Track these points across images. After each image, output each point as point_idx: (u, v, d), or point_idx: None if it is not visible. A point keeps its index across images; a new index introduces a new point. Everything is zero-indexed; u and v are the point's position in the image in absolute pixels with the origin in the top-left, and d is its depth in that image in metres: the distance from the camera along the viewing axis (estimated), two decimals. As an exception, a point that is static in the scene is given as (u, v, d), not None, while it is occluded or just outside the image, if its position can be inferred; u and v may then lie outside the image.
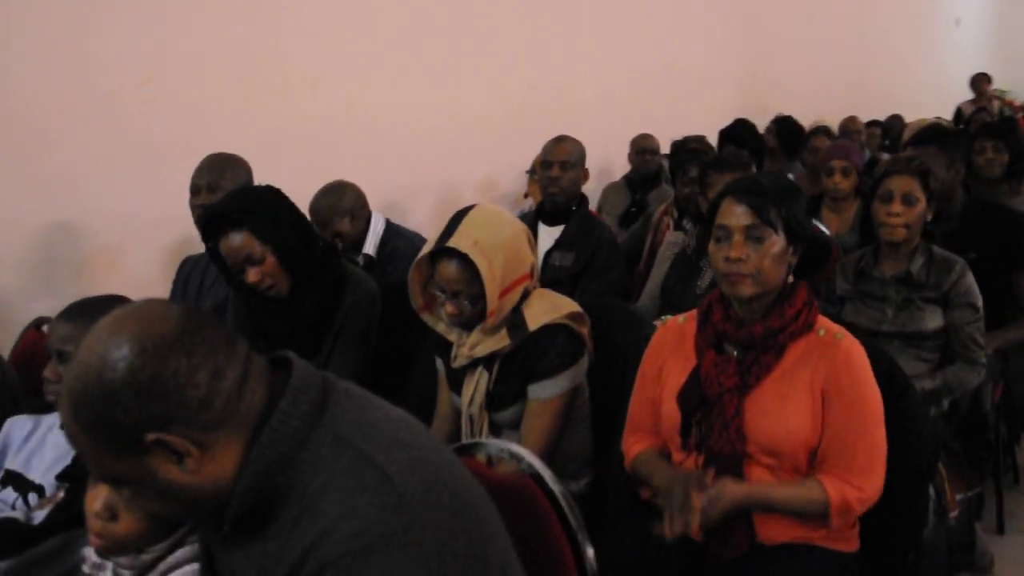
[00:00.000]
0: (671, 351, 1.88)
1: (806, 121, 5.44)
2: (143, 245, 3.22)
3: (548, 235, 3.05)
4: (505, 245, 1.94)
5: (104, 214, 3.11)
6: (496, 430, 2.06)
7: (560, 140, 3.15)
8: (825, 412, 1.69)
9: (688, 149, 3.60)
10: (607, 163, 5.41)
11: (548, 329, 1.98)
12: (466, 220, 1.96)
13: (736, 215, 1.73)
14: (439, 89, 4.40)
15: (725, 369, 1.73)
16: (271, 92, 3.72)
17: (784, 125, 5.09)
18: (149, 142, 3.20)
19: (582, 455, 2.12)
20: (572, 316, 2.03)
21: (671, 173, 3.78)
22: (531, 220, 3.13)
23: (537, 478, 1.49)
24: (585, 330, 2.07)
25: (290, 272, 2.16)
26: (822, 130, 5.04)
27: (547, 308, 2.01)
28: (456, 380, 2.10)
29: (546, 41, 5.06)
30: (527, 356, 1.99)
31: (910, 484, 1.80)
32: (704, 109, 5.99)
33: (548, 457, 1.96)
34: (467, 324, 2.00)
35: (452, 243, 1.91)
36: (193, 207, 2.65)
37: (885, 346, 2.54)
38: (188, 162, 2.80)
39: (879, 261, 2.62)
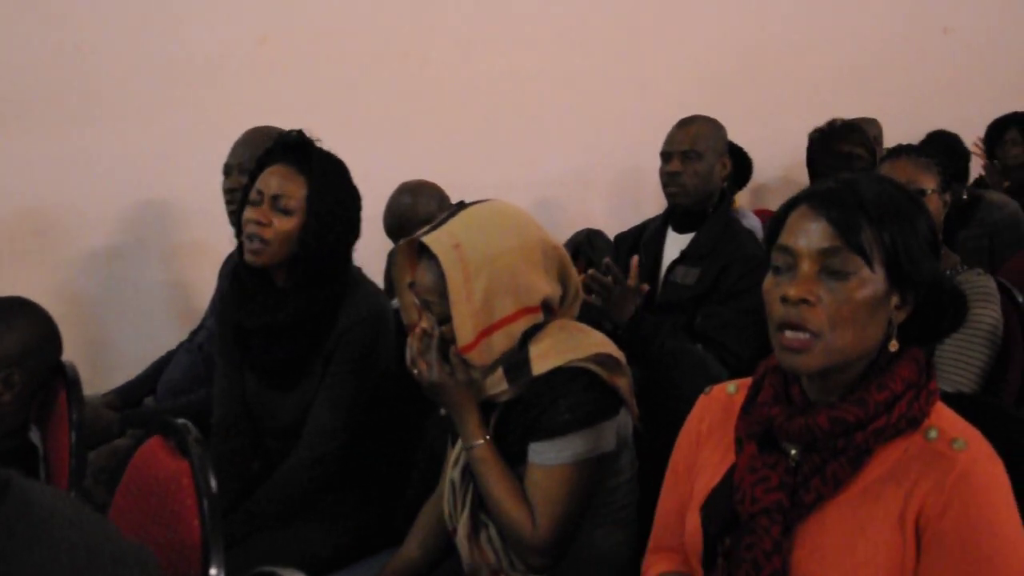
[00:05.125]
0: (710, 434, 1.38)
1: None
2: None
3: (675, 244, 2.56)
4: (498, 261, 1.56)
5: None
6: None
7: (685, 123, 2.62)
8: (921, 563, 1.13)
9: (837, 130, 3.19)
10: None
11: (561, 373, 1.57)
12: (463, 214, 1.62)
13: (808, 233, 1.20)
14: (619, 57, 4.00)
15: (768, 477, 1.21)
16: (409, 58, 3.51)
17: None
18: (262, 111, 3.08)
19: (611, 561, 1.67)
20: (600, 359, 1.59)
21: (809, 166, 3.36)
22: (659, 225, 2.66)
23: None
24: (621, 381, 1.62)
25: (298, 252, 1.94)
26: None
27: (564, 346, 1.59)
28: (454, 429, 1.73)
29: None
30: (530, 406, 1.59)
31: None
32: (992, 87, 5.08)
33: (560, 546, 1.58)
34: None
35: (428, 238, 1.58)
36: (227, 193, 2.50)
37: None
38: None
39: None
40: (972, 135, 4.45)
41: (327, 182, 1.95)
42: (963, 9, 5.10)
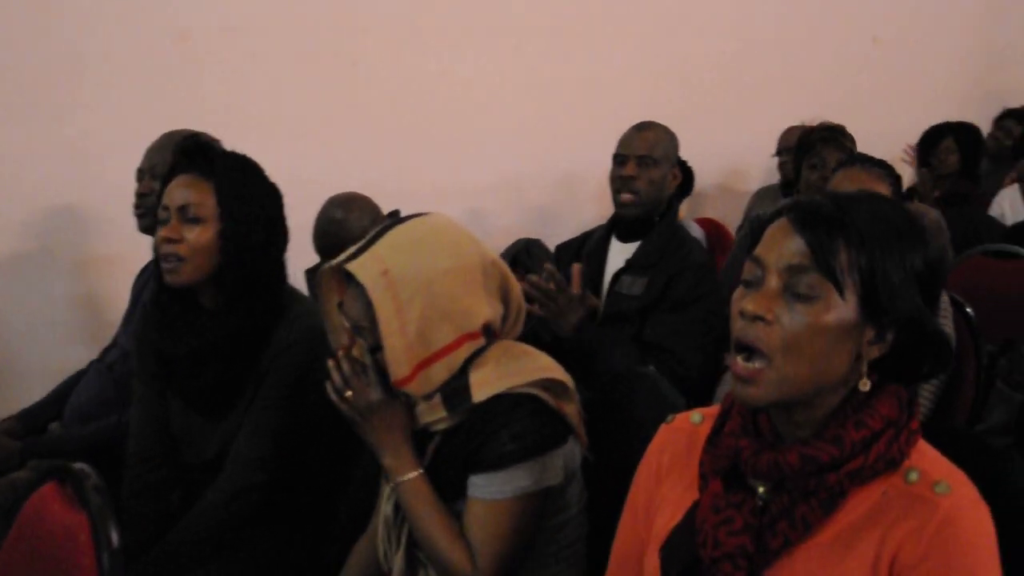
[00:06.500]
0: (671, 468, 1.26)
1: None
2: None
3: (620, 254, 2.47)
4: (433, 285, 1.44)
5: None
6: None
7: (643, 127, 2.53)
8: None
9: (823, 130, 3.10)
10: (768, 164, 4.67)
11: (504, 400, 1.45)
12: (391, 234, 1.49)
13: (780, 248, 1.09)
14: (554, 62, 3.88)
15: (732, 518, 1.11)
16: (339, 58, 3.34)
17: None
18: (184, 111, 2.89)
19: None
20: (546, 384, 1.48)
21: (795, 166, 3.29)
22: (602, 235, 2.55)
23: None
24: (569, 408, 1.51)
25: (221, 264, 1.77)
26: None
27: (507, 371, 1.48)
28: None
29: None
30: (470, 436, 1.47)
31: None
32: (921, 96, 5.08)
33: None
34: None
35: (353, 266, 1.45)
36: (137, 196, 2.34)
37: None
38: (228, 139, 2.41)
39: None
40: (902, 143, 4.45)
41: (235, 181, 1.80)
42: (893, 19, 5.10)
